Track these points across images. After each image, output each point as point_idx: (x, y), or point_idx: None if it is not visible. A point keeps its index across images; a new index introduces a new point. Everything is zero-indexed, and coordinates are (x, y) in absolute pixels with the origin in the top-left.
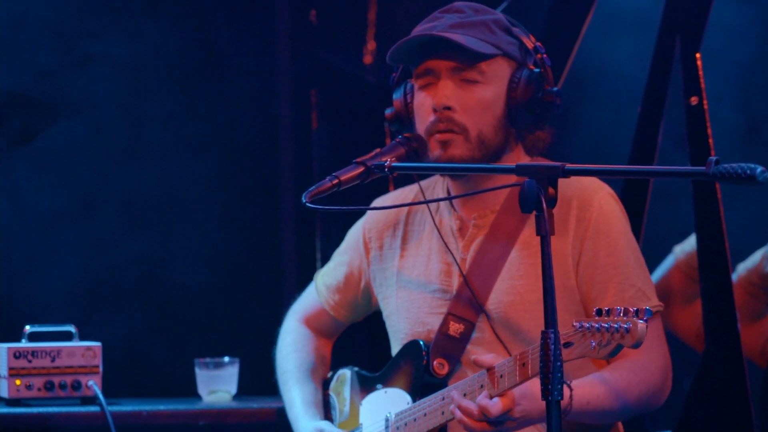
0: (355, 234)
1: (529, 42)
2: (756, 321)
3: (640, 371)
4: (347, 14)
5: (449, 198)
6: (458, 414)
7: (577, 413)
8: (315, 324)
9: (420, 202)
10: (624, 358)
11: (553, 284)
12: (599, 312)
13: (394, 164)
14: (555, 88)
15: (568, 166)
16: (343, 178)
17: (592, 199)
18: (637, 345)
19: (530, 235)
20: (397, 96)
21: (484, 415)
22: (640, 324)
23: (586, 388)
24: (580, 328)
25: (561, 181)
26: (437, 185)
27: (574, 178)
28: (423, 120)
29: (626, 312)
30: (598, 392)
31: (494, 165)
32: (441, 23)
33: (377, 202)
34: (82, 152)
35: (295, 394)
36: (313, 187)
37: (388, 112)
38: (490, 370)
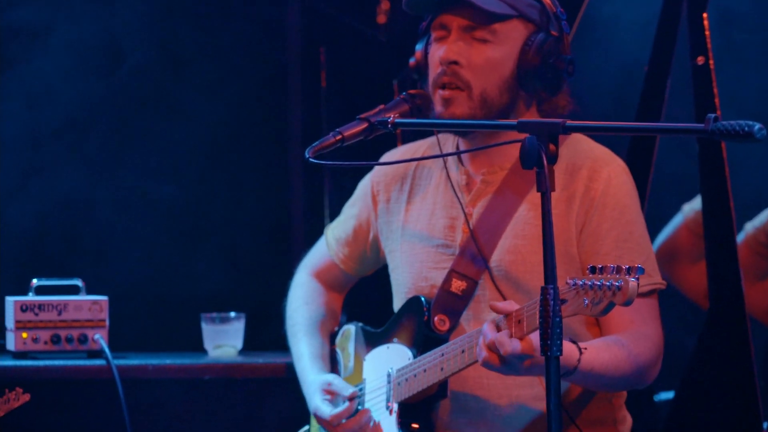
0: (363, 187)
1: (552, 6)
2: (763, 280)
3: (641, 342)
4: None
5: (457, 153)
6: (481, 342)
7: (580, 376)
8: (325, 278)
9: (426, 158)
10: (627, 328)
11: (552, 240)
12: (593, 269)
13: (397, 120)
14: (568, 56)
15: (569, 122)
16: (346, 134)
17: (602, 170)
18: (628, 303)
19: (538, 196)
20: (419, 46)
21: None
22: (632, 282)
23: (593, 352)
24: (573, 285)
25: (573, 150)
26: (448, 141)
27: (586, 148)
28: (432, 71)
29: (618, 270)
30: (603, 359)
31: (495, 121)
32: None
33: (386, 156)
34: (88, 106)
35: (303, 347)
36: (317, 142)
37: (411, 61)
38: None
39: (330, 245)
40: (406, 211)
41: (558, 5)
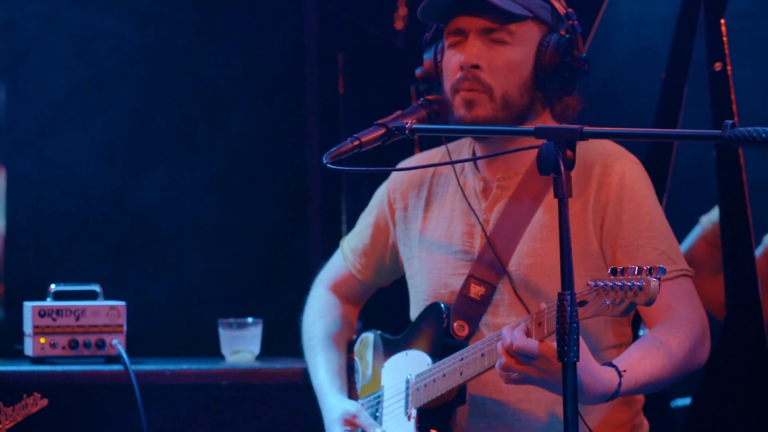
0: (380, 195)
1: (561, 8)
2: None
3: (679, 329)
4: None
5: (472, 159)
6: (499, 347)
7: (625, 393)
8: (342, 290)
9: (442, 163)
10: (665, 313)
11: (570, 246)
12: (614, 271)
13: (414, 126)
14: (583, 55)
15: (586, 128)
16: (364, 139)
17: (614, 165)
18: (649, 303)
19: (555, 198)
20: (427, 56)
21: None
22: (653, 282)
23: (634, 367)
24: (594, 287)
25: (584, 147)
26: (464, 148)
27: (598, 145)
28: (449, 77)
29: (640, 270)
30: (645, 368)
31: (513, 127)
32: None
33: (403, 164)
34: (105, 116)
35: (320, 362)
36: (334, 148)
37: (418, 71)
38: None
39: (346, 257)
40: (423, 219)
41: (567, 6)
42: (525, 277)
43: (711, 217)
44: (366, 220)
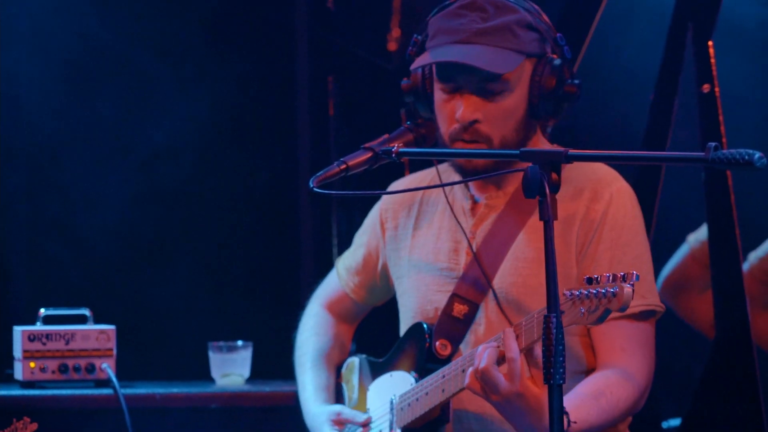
0: (372, 216)
1: (549, 32)
2: (767, 309)
3: (627, 384)
4: (365, 1)
5: (460, 182)
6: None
7: None
8: (336, 309)
9: (427, 187)
10: (618, 357)
11: (555, 269)
12: (589, 280)
13: (401, 150)
14: (575, 80)
15: (571, 151)
16: (350, 163)
17: (604, 191)
18: (623, 308)
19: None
20: (418, 69)
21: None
22: (627, 288)
23: (583, 414)
24: (570, 296)
25: (576, 171)
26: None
27: (590, 170)
28: (445, 125)
29: (614, 278)
30: (591, 418)
31: (497, 151)
32: (464, 27)
33: (394, 185)
34: (99, 142)
35: (308, 378)
36: (321, 172)
37: (404, 83)
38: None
39: (341, 276)
40: (413, 238)
41: (556, 32)
42: (507, 295)
43: (699, 236)
44: (360, 240)
